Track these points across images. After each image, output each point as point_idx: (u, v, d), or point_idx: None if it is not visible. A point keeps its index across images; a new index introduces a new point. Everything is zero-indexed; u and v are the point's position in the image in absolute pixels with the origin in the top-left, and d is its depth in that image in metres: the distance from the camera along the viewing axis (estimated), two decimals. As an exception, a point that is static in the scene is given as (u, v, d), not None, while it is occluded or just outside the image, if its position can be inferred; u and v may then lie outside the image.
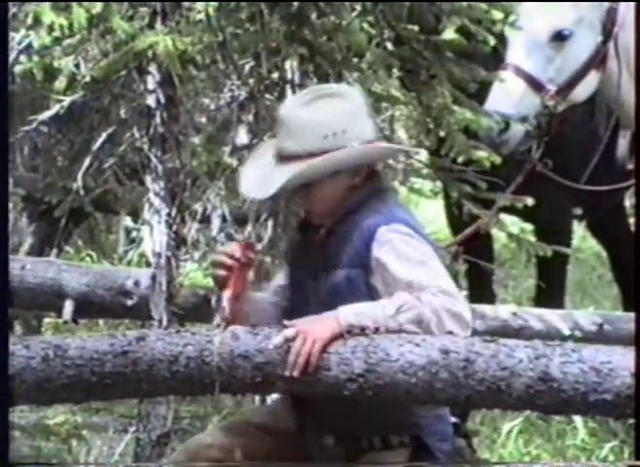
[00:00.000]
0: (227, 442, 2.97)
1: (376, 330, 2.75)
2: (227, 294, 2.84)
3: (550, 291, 5.20)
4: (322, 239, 2.93)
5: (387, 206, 2.90)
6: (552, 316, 4.36)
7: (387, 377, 2.68)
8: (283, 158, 2.87)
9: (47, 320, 5.18)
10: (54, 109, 4.11)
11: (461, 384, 2.65)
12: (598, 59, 4.10)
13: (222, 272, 2.87)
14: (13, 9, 4.02)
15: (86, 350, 2.80)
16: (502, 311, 4.36)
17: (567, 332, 4.24)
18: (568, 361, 2.62)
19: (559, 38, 4.07)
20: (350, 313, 2.76)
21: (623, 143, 4.89)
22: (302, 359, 2.70)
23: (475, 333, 4.47)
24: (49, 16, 3.81)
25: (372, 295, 2.84)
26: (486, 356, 2.65)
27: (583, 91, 4.16)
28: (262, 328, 2.80)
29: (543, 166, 4.47)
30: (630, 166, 4.80)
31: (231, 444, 2.97)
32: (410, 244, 2.83)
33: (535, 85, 4.07)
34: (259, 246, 2.96)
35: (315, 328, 2.73)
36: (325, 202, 2.90)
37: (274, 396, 3.20)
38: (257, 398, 3.62)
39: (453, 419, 4.25)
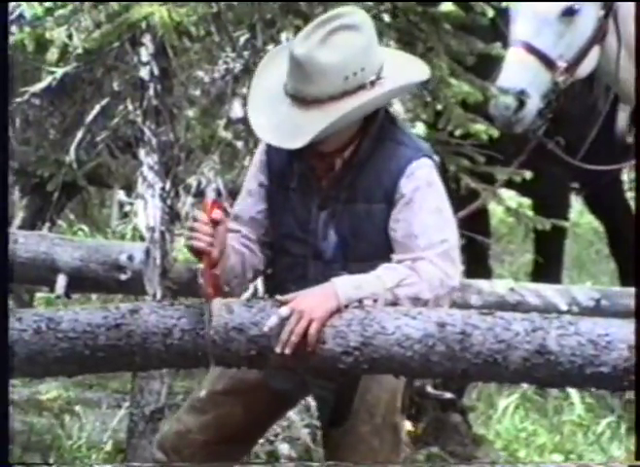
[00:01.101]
0: (202, 420, 2.95)
1: (374, 301, 2.72)
2: (203, 266, 2.77)
3: (547, 266, 5.18)
4: (337, 168, 2.84)
5: (408, 136, 2.87)
6: (550, 291, 4.34)
7: (383, 351, 2.66)
8: (302, 101, 2.75)
9: (39, 294, 5.16)
10: (47, 81, 4.06)
11: (457, 357, 2.63)
12: (600, 34, 4.07)
13: (198, 243, 2.75)
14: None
15: (78, 323, 2.77)
16: (499, 287, 4.34)
17: (564, 307, 4.22)
18: (565, 334, 2.60)
19: (570, 13, 4.04)
20: (349, 287, 2.72)
21: (623, 116, 4.86)
22: (294, 338, 2.66)
23: (471, 308, 4.47)
24: (40, -15, 3.77)
25: (386, 231, 2.79)
26: (483, 329, 2.63)
27: (586, 67, 4.14)
28: (256, 301, 2.77)
29: (554, 145, 4.44)
30: (630, 140, 4.78)
31: (207, 420, 2.95)
32: (433, 185, 2.80)
33: (546, 61, 4.04)
34: (225, 203, 2.84)
35: (312, 305, 2.68)
36: (344, 136, 2.81)
37: None
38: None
39: (449, 395, 4.25)
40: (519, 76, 4.06)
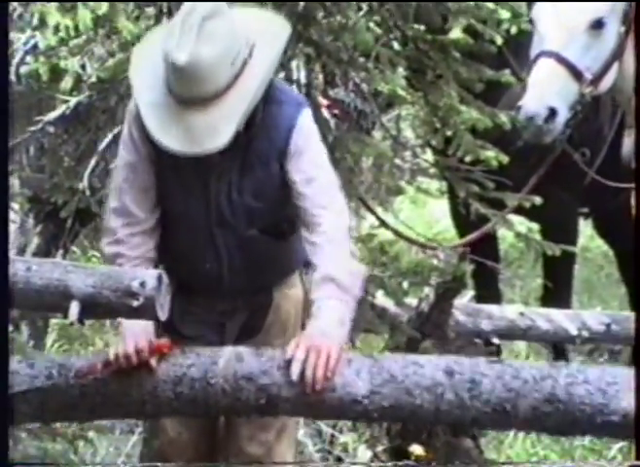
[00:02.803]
0: (187, 438, 3.04)
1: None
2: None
3: (557, 291, 5.19)
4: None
5: (285, 93, 2.94)
6: (560, 316, 4.35)
7: (392, 399, 2.66)
8: (200, 102, 2.72)
9: (53, 321, 5.17)
10: (61, 109, 4.10)
11: (466, 406, 2.63)
12: (620, 50, 4.10)
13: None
14: (19, 9, 4.02)
15: (90, 371, 2.78)
16: (509, 311, 4.35)
17: (574, 332, 4.23)
18: (574, 382, 2.60)
19: (597, 26, 4.07)
20: (336, 327, 2.74)
21: (628, 142, 4.87)
22: (321, 371, 2.66)
23: (482, 333, 4.48)
24: (54, 16, 3.81)
25: (284, 187, 2.87)
26: (492, 377, 2.64)
27: (607, 82, 4.15)
28: (266, 349, 2.78)
29: (581, 156, 4.45)
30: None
31: (194, 439, 3.05)
32: (316, 132, 2.92)
33: (575, 73, 4.06)
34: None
35: (321, 340, 2.70)
36: None
37: None
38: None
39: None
40: (549, 86, 4.08)
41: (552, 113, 4.06)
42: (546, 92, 4.05)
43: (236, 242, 2.94)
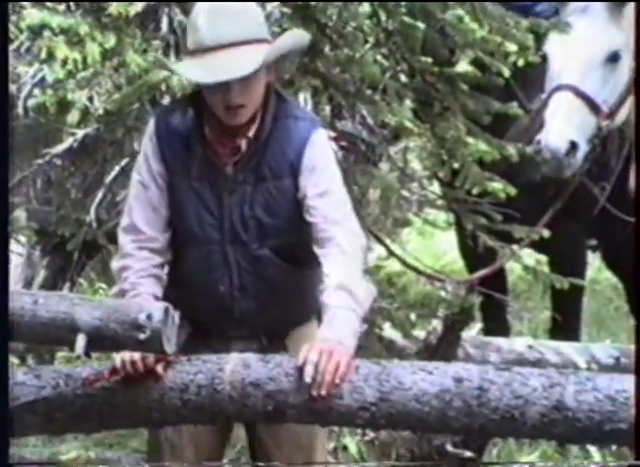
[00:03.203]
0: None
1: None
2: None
3: (565, 323, 5.16)
4: (243, 150, 2.88)
5: (302, 111, 3.01)
6: (569, 349, 4.33)
7: (400, 406, 2.66)
8: (231, 45, 2.79)
9: (59, 354, 5.17)
10: (68, 142, 4.11)
11: (475, 413, 2.63)
12: (633, 84, 4.10)
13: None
14: (27, 43, 4.03)
15: (96, 379, 2.77)
16: (517, 344, 4.34)
17: (583, 365, 4.21)
18: (583, 389, 2.60)
19: (613, 59, 4.07)
20: (349, 338, 2.75)
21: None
22: (329, 377, 2.67)
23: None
24: (62, 50, 3.82)
25: (296, 203, 2.89)
26: (500, 384, 2.63)
27: (622, 115, 4.17)
28: (272, 356, 2.77)
29: (600, 190, 4.46)
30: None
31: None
32: (330, 151, 2.96)
33: (593, 106, 4.07)
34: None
35: (334, 346, 2.70)
36: (256, 97, 2.86)
37: None
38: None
39: (469, 454, 4.22)
40: (568, 120, 4.08)
41: (573, 147, 4.07)
42: (566, 126, 4.05)
43: (248, 261, 2.92)
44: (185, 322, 2.96)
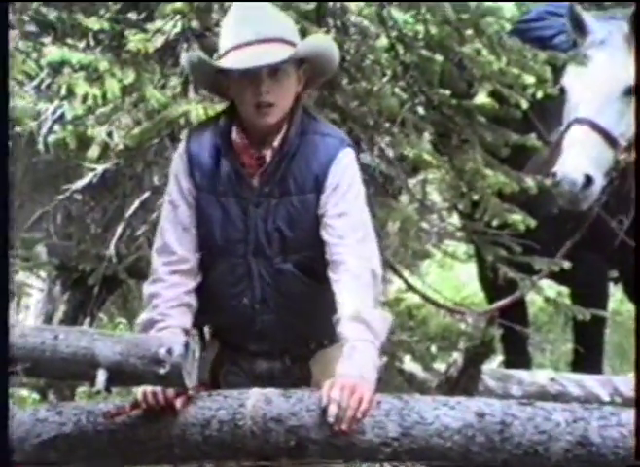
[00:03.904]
0: None
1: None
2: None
3: (587, 355, 5.13)
4: (268, 161, 2.91)
5: (330, 128, 3.02)
6: (591, 382, 4.29)
7: (422, 441, 2.65)
8: (263, 41, 2.87)
9: (80, 389, 5.16)
10: (88, 177, 4.13)
11: (497, 448, 2.61)
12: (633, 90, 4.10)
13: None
14: (47, 80, 4.06)
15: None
16: (539, 377, 4.30)
17: (606, 398, 4.17)
18: (607, 425, 2.58)
19: (630, 92, 4.08)
20: (370, 372, 2.74)
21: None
22: (351, 413, 2.66)
23: (512, 399, 4.41)
24: (82, 86, 3.85)
25: (317, 216, 2.90)
26: (523, 419, 2.62)
27: None
28: (294, 391, 2.77)
29: (618, 224, 4.45)
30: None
31: None
32: (357, 172, 2.97)
33: (610, 140, 4.09)
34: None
35: (356, 382, 2.70)
36: (285, 100, 2.89)
37: None
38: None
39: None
40: (585, 154, 4.08)
41: (589, 180, 4.06)
42: (582, 160, 4.06)
43: (271, 275, 2.94)
44: (214, 339, 3.01)
